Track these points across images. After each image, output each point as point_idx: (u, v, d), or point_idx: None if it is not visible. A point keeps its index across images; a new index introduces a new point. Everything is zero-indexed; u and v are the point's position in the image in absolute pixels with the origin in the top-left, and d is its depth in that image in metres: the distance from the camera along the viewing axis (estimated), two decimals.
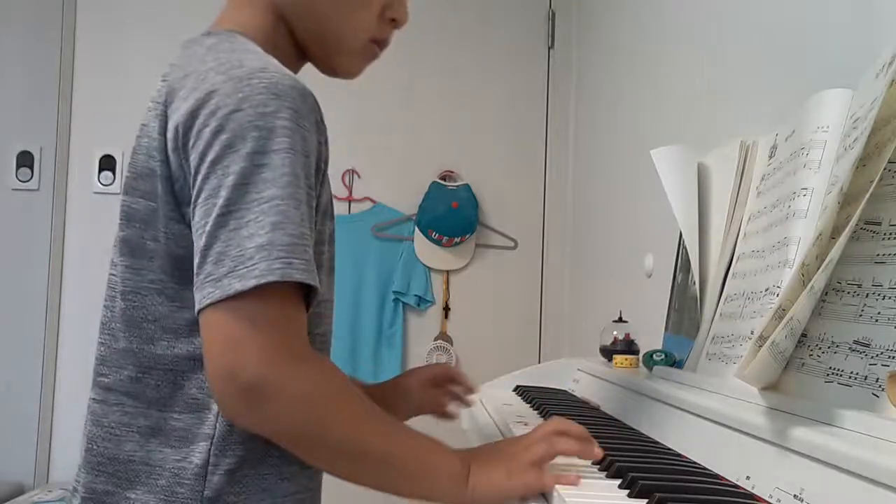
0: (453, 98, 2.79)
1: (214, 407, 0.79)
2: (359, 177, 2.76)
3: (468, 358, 2.74)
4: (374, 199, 2.76)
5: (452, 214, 2.68)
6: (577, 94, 2.70)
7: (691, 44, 1.68)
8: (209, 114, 0.75)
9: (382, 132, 2.76)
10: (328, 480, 0.94)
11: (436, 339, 2.74)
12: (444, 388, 1.17)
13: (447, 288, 2.76)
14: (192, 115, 0.76)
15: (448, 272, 2.76)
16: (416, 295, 2.73)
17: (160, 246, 0.80)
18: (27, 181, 2.70)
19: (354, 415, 0.76)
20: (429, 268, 2.75)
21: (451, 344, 2.74)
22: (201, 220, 0.74)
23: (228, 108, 0.74)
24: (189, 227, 0.77)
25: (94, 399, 0.84)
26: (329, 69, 0.94)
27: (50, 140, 2.69)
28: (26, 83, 2.70)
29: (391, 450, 0.77)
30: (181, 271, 0.78)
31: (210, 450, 0.79)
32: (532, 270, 2.80)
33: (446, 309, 2.76)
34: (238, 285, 0.70)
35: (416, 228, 2.73)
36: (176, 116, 0.78)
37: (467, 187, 2.72)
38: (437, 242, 2.72)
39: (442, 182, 2.72)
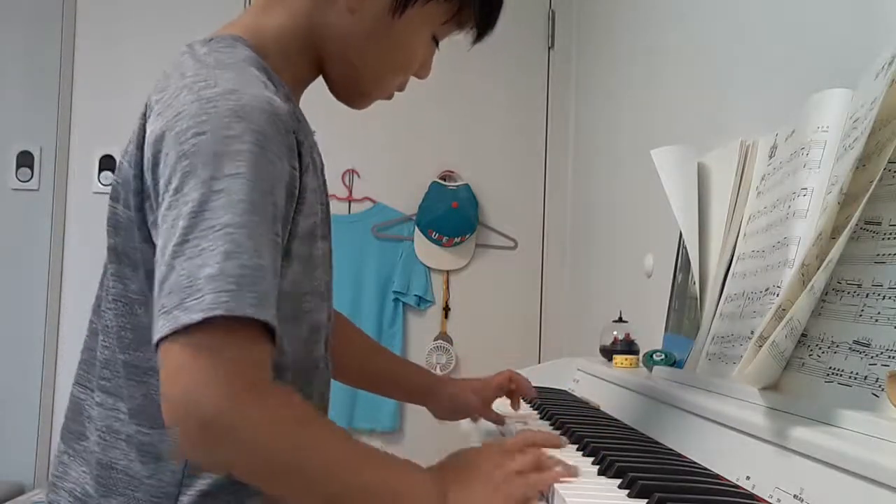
0: (453, 98, 2.79)
1: None
2: (359, 177, 2.76)
3: (468, 358, 2.74)
4: (374, 199, 2.76)
5: (452, 214, 2.68)
6: (577, 94, 2.70)
7: (691, 44, 1.68)
8: (174, 138, 0.72)
9: (382, 132, 2.76)
10: None
11: (436, 339, 2.74)
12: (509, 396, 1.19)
13: (447, 288, 2.76)
14: (160, 139, 0.73)
15: (448, 272, 2.76)
16: (416, 295, 2.73)
17: (139, 257, 0.79)
18: (27, 181, 2.70)
19: (321, 448, 0.72)
20: (429, 268, 2.75)
21: (451, 344, 2.74)
22: (161, 249, 0.71)
23: (192, 132, 0.71)
24: (155, 248, 0.74)
25: (90, 400, 0.84)
26: (344, 100, 0.94)
27: (50, 140, 2.69)
28: (26, 83, 2.70)
29: (364, 482, 0.73)
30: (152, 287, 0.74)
31: (183, 470, 0.76)
32: (532, 270, 2.80)
33: (446, 309, 2.76)
34: (185, 318, 0.65)
35: (416, 228, 2.73)
36: (149, 136, 0.76)
37: (467, 187, 2.72)
38: (437, 242, 2.72)
39: (442, 182, 2.72)
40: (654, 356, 1.18)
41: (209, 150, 0.70)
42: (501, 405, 1.19)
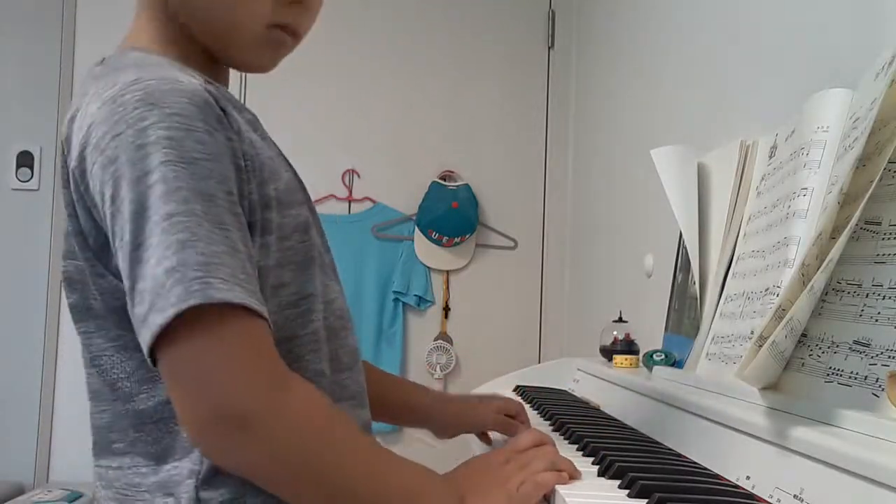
0: (453, 98, 2.79)
1: None
2: (359, 177, 2.76)
3: (468, 358, 2.74)
4: (374, 199, 2.76)
5: (452, 214, 2.68)
6: (577, 94, 2.70)
7: (691, 44, 1.68)
8: (93, 149, 0.69)
9: (382, 132, 2.76)
10: None
11: (436, 339, 2.74)
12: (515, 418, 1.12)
13: (447, 288, 2.76)
14: (81, 158, 0.70)
15: (448, 272, 2.76)
16: (416, 295, 2.73)
17: (100, 304, 0.75)
18: (27, 181, 2.69)
19: (348, 450, 0.70)
20: (429, 268, 2.75)
21: (451, 344, 2.74)
22: (121, 263, 0.67)
23: (108, 137, 0.67)
24: (116, 276, 0.71)
25: (108, 467, 0.77)
26: (236, 64, 0.84)
27: (50, 140, 2.69)
28: (26, 83, 2.70)
29: (386, 488, 0.71)
30: (128, 321, 0.69)
31: (196, 486, 0.72)
32: (532, 270, 2.80)
33: (446, 309, 2.76)
34: (160, 318, 0.62)
35: (416, 228, 2.73)
36: (70, 164, 0.72)
37: (467, 187, 2.72)
38: (437, 242, 2.72)
39: (442, 182, 2.72)
40: (654, 356, 1.18)
41: (130, 146, 0.66)
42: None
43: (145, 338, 0.64)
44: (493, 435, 1.13)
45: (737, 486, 0.72)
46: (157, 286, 0.63)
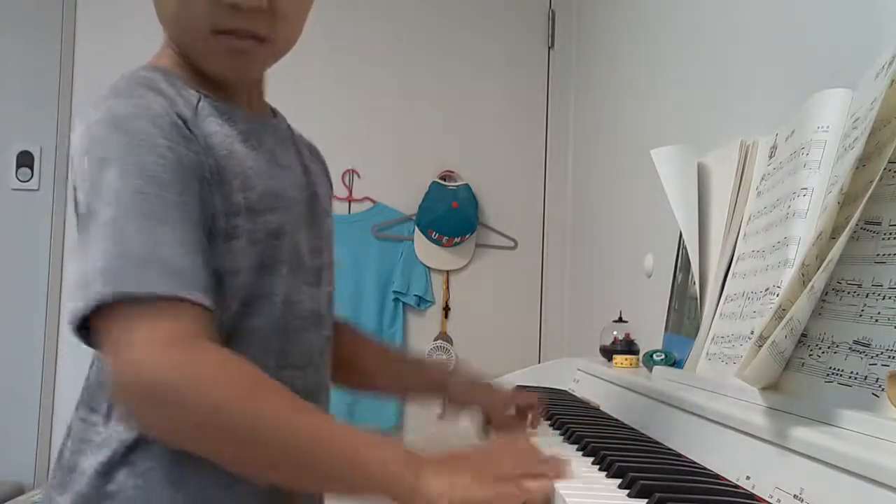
0: (453, 98, 2.79)
1: None
2: (359, 177, 2.76)
3: (468, 358, 2.73)
4: (374, 199, 2.76)
5: (452, 214, 2.68)
6: (577, 94, 2.70)
7: (691, 44, 1.68)
8: (74, 171, 0.78)
9: (382, 132, 2.76)
10: None
11: (436, 339, 2.74)
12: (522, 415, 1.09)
13: (447, 288, 2.76)
14: (72, 186, 0.79)
15: (448, 272, 2.76)
16: (416, 295, 2.73)
17: None
18: (27, 181, 2.70)
19: (276, 410, 0.71)
20: (429, 268, 2.75)
21: (451, 344, 2.74)
22: (79, 244, 0.76)
23: (80, 154, 0.77)
24: None
25: (78, 417, 0.84)
26: (210, 75, 0.87)
27: (50, 140, 2.69)
28: (26, 83, 2.70)
29: (329, 447, 0.71)
30: None
31: (124, 450, 0.78)
32: (532, 270, 2.80)
33: (446, 309, 2.76)
34: (82, 306, 0.70)
35: (416, 228, 2.73)
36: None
37: (467, 187, 2.72)
38: (437, 242, 2.72)
39: (442, 182, 2.72)
40: (654, 356, 1.18)
41: (94, 160, 0.75)
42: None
43: (67, 316, 0.72)
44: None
45: (737, 486, 0.72)
46: (86, 280, 0.71)
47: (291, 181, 0.90)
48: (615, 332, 1.43)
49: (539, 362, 2.60)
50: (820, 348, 0.75)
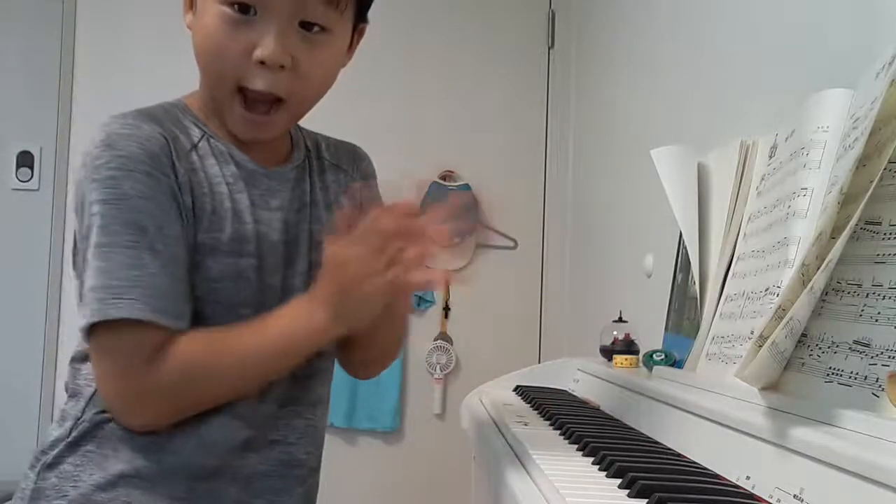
0: (453, 98, 2.79)
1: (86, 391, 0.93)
2: None
3: (468, 358, 2.74)
4: None
5: None
6: (577, 94, 2.70)
7: (691, 44, 1.68)
8: (74, 194, 0.88)
9: (382, 132, 2.76)
10: (324, 481, 0.93)
11: (436, 339, 2.74)
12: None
13: (447, 288, 2.76)
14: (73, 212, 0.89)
15: (448, 272, 2.76)
16: (415, 295, 2.73)
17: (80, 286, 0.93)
18: (27, 181, 2.70)
19: (230, 346, 0.87)
20: (428, 268, 2.75)
21: (451, 344, 2.74)
22: (76, 269, 0.90)
23: (79, 180, 0.86)
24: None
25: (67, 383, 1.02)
26: (238, 131, 0.93)
27: (50, 140, 2.69)
28: (26, 83, 2.70)
29: (268, 344, 0.87)
30: None
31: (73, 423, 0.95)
32: (532, 270, 2.80)
33: (446, 309, 2.76)
34: (82, 322, 0.84)
35: None
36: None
37: (467, 187, 2.72)
38: None
39: (442, 182, 2.72)
40: (654, 356, 1.18)
41: (88, 180, 0.84)
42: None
43: (79, 326, 0.86)
44: None
45: (737, 486, 0.72)
46: (86, 298, 0.84)
47: (275, 226, 0.93)
48: (615, 332, 1.43)
49: (539, 362, 2.60)
50: (820, 348, 0.75)
